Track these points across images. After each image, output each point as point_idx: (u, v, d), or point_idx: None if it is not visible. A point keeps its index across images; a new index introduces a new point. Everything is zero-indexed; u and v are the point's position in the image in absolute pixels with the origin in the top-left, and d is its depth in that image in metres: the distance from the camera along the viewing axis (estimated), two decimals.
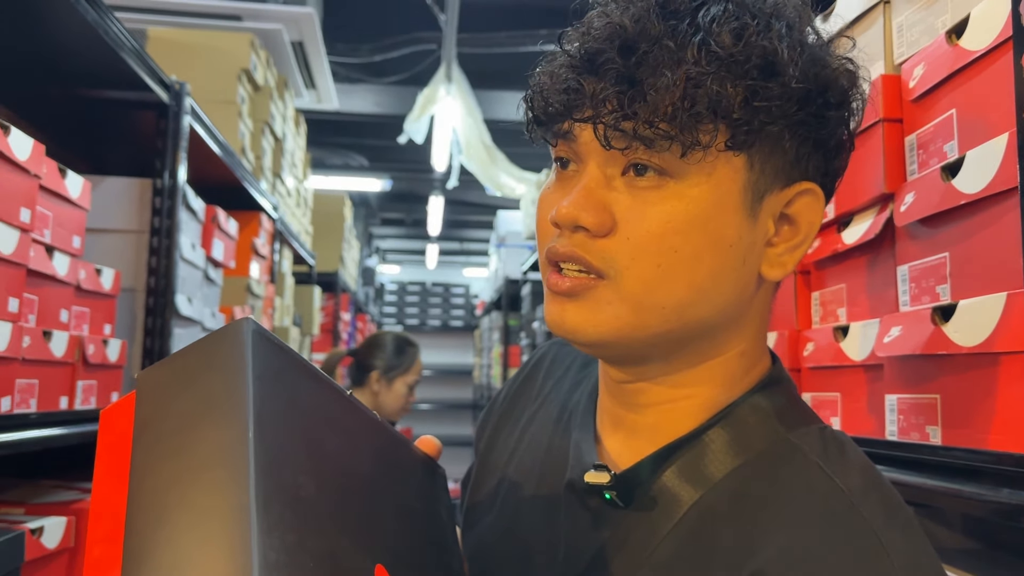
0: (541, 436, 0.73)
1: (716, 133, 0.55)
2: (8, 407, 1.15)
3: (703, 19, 0.55)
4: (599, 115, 0.56)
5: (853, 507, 0.53)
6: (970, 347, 0.73)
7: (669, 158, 0.56)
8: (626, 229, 0.57)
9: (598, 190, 0.58)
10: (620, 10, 0.57)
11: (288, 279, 3.45)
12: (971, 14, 0.77)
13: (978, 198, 0.74)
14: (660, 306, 0.57)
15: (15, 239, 1.13)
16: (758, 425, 0.60)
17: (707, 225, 0.57)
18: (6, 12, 1.39)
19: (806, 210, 0.60)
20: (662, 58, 0.54)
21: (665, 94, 0.53)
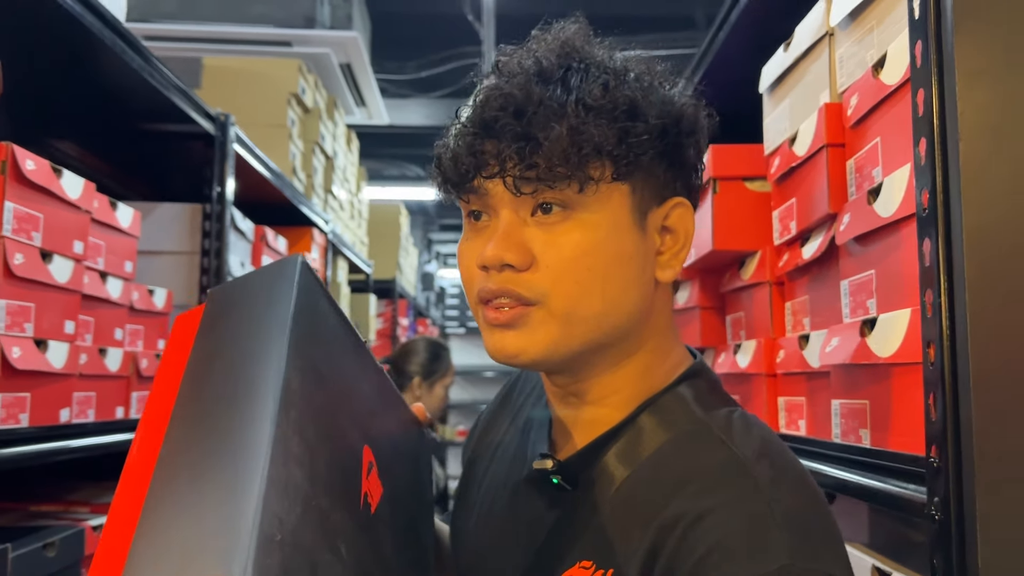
0: (511, 445, 0.84)
1: (603, 168, 0.66)
2: (67, 418, 1.30)
3: (573, 81, 0.67)
4: (505, 169, 0.66)
5: (743, 469, 0.63)
6: (885, 358, 0.80)
7: (569, 194, 0.66)
8: (545, 260, 0.67)
9: (515, 232, 0.68)
10: (505, 83, 0.68)
11: (344, 288, 3.61)
12: (888, 50, 0.84)
13: (891, 221, 0.81)
14: (584, 318, 0.68)
15: (70, 268, 1.28)
16: (679, 410, 0.71)
17: (610, 244, 0.68)
18: (69, 60, 1.55)
19: (681, 220, 0.72)
20: (548, 115, 0.65)
21: (557, 143, 0.64)
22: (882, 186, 0.83)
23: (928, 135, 0.72)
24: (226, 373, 0.56)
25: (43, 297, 1.21)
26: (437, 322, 8.34)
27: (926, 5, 0.73)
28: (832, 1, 0.98)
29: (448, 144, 0.70)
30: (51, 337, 1.24)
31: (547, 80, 0.68)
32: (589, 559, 0.67)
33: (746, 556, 0.58)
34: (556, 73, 0.68)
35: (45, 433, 1.24)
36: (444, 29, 3.81)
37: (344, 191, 3.55)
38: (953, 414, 0.69)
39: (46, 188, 1.21)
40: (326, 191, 3.23)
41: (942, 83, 0.72)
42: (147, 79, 1.59)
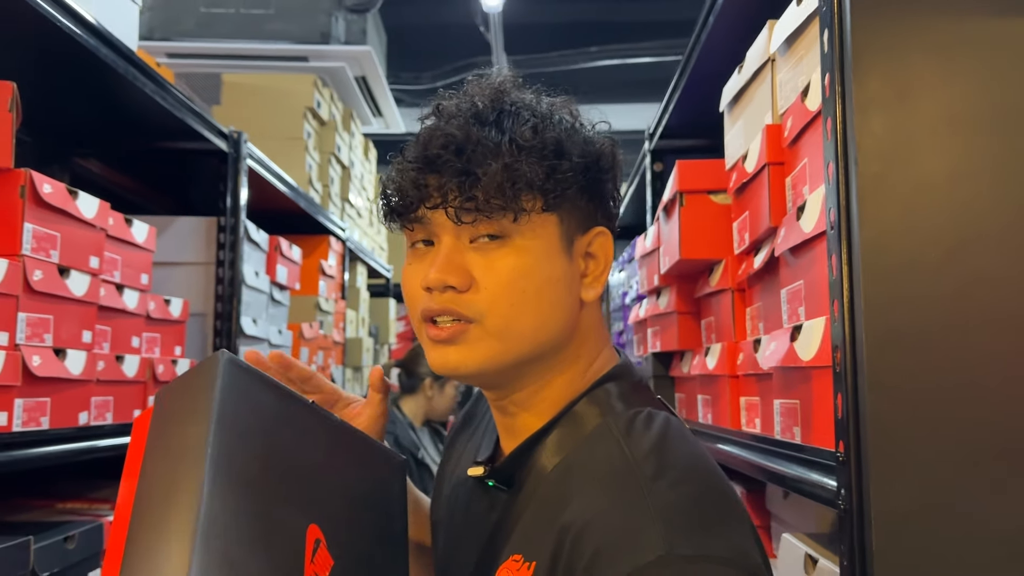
0: (468, 453, 0.92)
1: (534, 201, 0.75)
2: (86, 420, 1.41)
3: (506, 123, 0.76)
4: (447, 201, 0.74)
5: (629, 467, 0.69)
6: (807, 361, 0.88)
7: (505, 224, 0.74)
8: (483, 282, 0.75)
9: (456, 257, 0.75)
10: (445, 124, 0.77)
11: (363, 293, 3.72)
12: (811, 79, 0.91)
13: (811, 236, 0.89)
14: (519, 335, 0.75)
15: (86, 282, 1.39)
16: (589, 414, 0.78)
17: (541, 268, 0.76)
18: (87, 86, 1.67)
19: (602, 247, 0.81)
20: (485, 153, 0.74)
21: (493, 177, 0.72)
22: (806, 204, 0.91)
23: (834, 159, 0.80)
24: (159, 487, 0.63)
25: (61, 309, 1.32)
26: None
27: (832, 40, 0.81)
28: (773, 29, 1.06)
29: (393, 178, 0.79)
30: (69, 346, 1.34)
31: (483, 122, 0.76)
32: (519, 552, 0.73)
33: (625, 553, 0.63)
34: (491, 115, 0.77)
35: (65, 434, 1.35)
36: (457, 39, 3.91)
37: (362, 199, 3.66)
38: (854, 412, 0.77)
39: (62, 209, 1.31)
40: (343, 200, 3.34)
41: (845, 112, 0.79)
42: (160, 102, 1.70)
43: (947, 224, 0.76)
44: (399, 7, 3.70)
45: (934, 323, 0.75)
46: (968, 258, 0.75)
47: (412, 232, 0.79)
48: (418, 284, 0.77)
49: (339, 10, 3.21)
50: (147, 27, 3.05)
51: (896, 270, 0.76)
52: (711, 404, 1.36)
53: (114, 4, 1.58)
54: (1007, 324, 0.74)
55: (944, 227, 0.76)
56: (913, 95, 0.78)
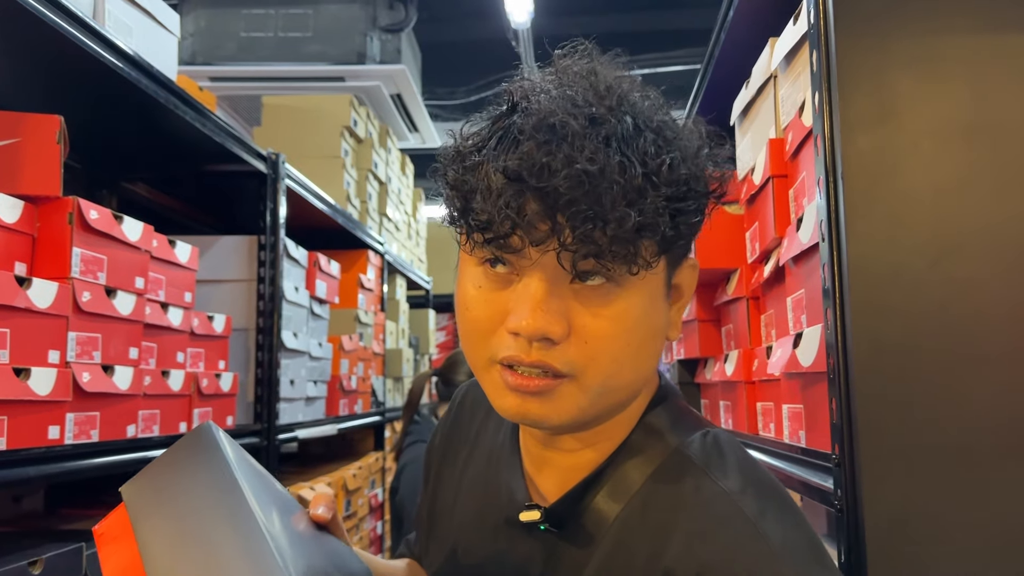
0: (478, 479, 0.82)
1: (652, 247, 0.63)
2: (133, 433, 1.49)
3: (640, 151, 0.62)
4: (562, 245, 0.61)
5: (731, 505, 0.62)
6: (807, 367, 0.91)
7: (613, 271, 0.63)
8: (583, 334, 0.64)
9: (555, 301, 0.63)
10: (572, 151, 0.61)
11: (402, 305, 3.80)
12: (806, 96, 0.94)
13: (809, 246, 0.92)
14: (613, 390, 0.67)
15: (132, 302, 1.47)
16: (654, 442, 0.70)
17: (648, 318, 0.66)
18: (133, 115, 1.76)
19: (688, 279, 0.72)
20: (619, 196, 0.60)
21: (623, 226, 0.60)
22: (804, 215, 0.94)
23: (824, 174, 0.83)
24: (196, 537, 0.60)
25: (109, 328, 1.40)
26: None
27: (821, 59, 0.84)
28: (774, 46, 1.09)
29: (487, 191, 0.63)
30: (117, 362, 1.43)
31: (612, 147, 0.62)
32: None
33: None
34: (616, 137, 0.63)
35: (114, 447, 1.43)
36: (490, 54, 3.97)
37: (399, 213, 3.74)
38: (847, 416, 0.80)
39: (108, 233, 1.40)
40: (381, 215, 3.42)
41: (832, 129, 0.82)
42: (200, 128, 1.79)
43: (931, 235, 0.79)
44: (432, 25, 3.78)
45: (920, 330, 0.78)
46: (952, 267, 0.78)
47: (485, 252, 0.66)
48: (494, 318, 0.66)
49: (374, 30, 3.30)
50: (190, 52, 3.17)
51: (883, 279, 0.79)
52: (731, 410, 1.39)
53: (154, 36, 1.67)
54: (990, 330, 0.77)
55: (928, 238, 0.79)
56: (897, 111, 0.81)
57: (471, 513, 0.81)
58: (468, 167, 0.66)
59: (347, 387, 2.79)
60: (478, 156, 0.66)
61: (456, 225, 0.68)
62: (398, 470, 2.82)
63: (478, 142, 0.68)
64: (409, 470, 2.75)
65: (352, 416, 2.89)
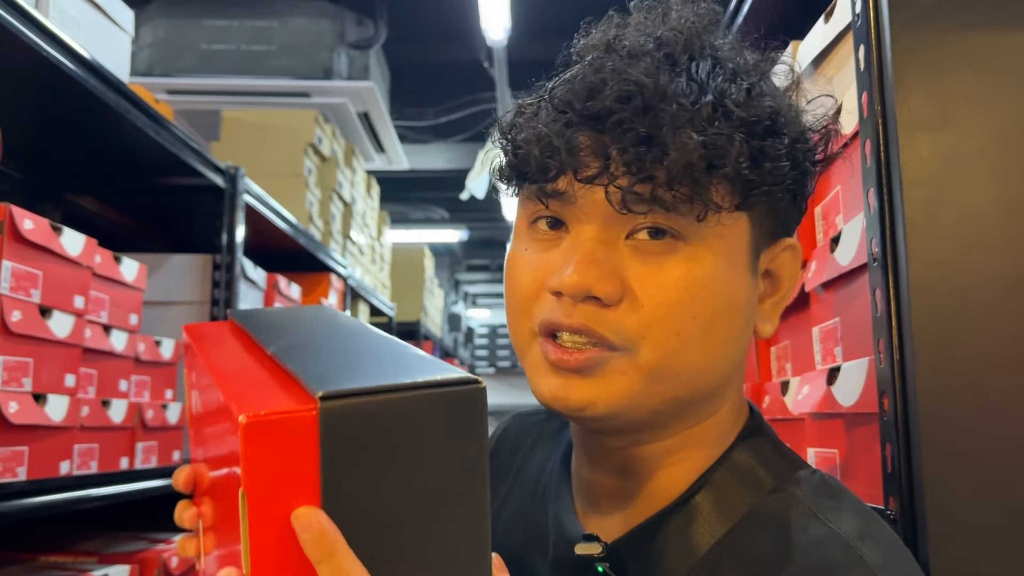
0: (518, 516, 0.70)
1: (727, 194, 0.54)
2: (67, 470, 1.33)
3: (706, 75, 0.54)
4: (614, 178, 0.52)
5: (853, 552, 0.51)
6: (848, 407, 0.80)
7: (683, 220, 0.53)
8: (640, 297, 0.54)
9: (606, 255, 0.54)
10: (625, 64, 0.54)
11: None
12: (843, 100, 0.84)
13: (849, 269, 0.81)
14: (675, 374, 0.55)
15: (70, 324, 1.32)
16: (745, 480, 0.58)
17: (723, 288, 0.55)
18: (79, 120, 1.61)
19: (787, 265, 0.61)
20: (681, 116, 0.51)
21: (687, 155, 0.51)
22: (841, 234, 0.83)
23: (876, 185, 0.73)
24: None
25: (42, 352, 1.25)
26: (466, 362, 8.36)
27: (869, 57, 0.74)
28: (797, 50, 0.99)
29: (533, 128, 0.55)
30: (50, 391, 1.27)
31: (675, 67, 0.54)
32: None
33: None
34: (683, 60, 0.55)
35: (44, 486, 1.27)
36: (461, 76, 3.88)
37: (364, 236, 3.60)
38: (907, 465, 0.69)
39: (44, 246, 1.25)
40: (345, 237, 3.28)
41: (886, 134, 0.72)
42: (153, 136, 1.64)
43: (1003, 255, 0.69)
44: (402, 45, 3.68)
45: (995, 365, 0.67)
46: None
47: (534, 204, 0.57)
48: (538, 281, 0.57)
49: (342, 46, 3.18)
50: (147, 63, 3.02)
51: (949, 306, 0.68)
52: None
53: (105, 33, 1.53)
54: None
55: (1000, 258, 0.69)
56: (960, 115, 0.71)
57: (509, 555, 0.66)
58: (522, 114, 0.59)
59: None
60: (537, 101, 0.59)
61: (504, 180, 0.60)
62: None
63: (537, 96, 0.60)
64: None
65: None
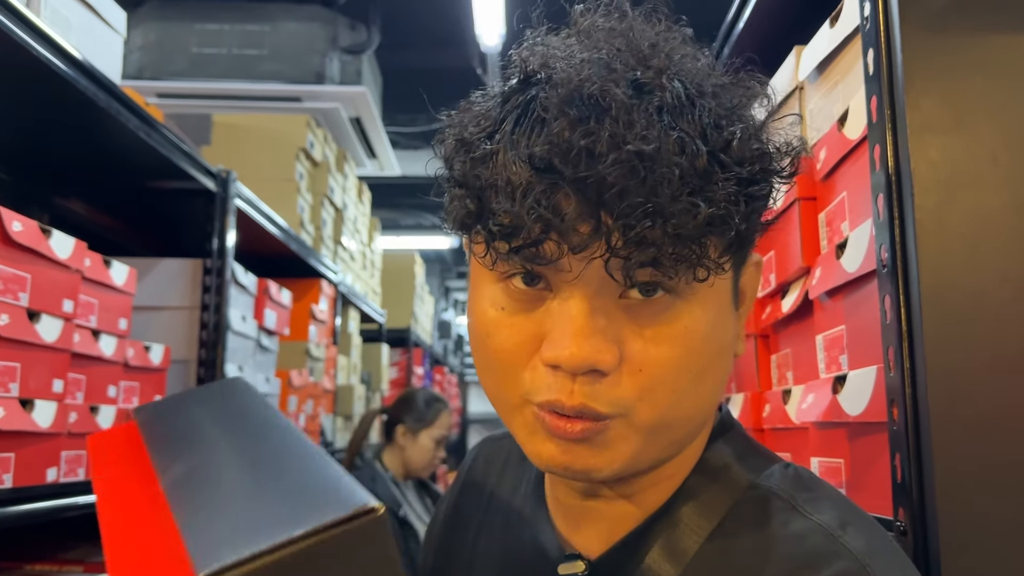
0: (492, 545, 0.69)
1: (717, 245, 0.51)
2: (54, 477, 1.30)
3: (702, 128, 0.50)
4: (613, 250, 0.48)
5: (836, 541, 0.51)
6: (855, 416, 0.78)
7: (672, 281, 0.51)
8: (636, 361, 0.51)
9: (600, 322, 0.51)
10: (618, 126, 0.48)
11: (355, 339, 3.62)
12: (850, 105, 0.83)
13: (856, 276, 0.80)
14: (670, 426, 0.54)
15: (58, 328, 1.29)
16: (721, 480, 0.58)
17: (715, 338, 0.53)
18: (68, 122, 1.59)
19: (751, 279, 0.60)
20: (681, 182, 0.48)
21: (689, 222, 0.47)
22: (848, 240, 0.82)
23: (885, 191, 0.72)
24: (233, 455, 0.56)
25: (29, 357, 1.22)
26: (455, 370, 8.32)
27: (879, 61, 0.73)
28: (801, 55, 0.98)
29: (506, 182, 0.50)
30: (38, 396, 1.24)
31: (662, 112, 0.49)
32: None
33: None
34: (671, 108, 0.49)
35: (30, 493, 1.24)
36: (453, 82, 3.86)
37: (355, 242, 3.58)
38: (917, 476, 0.67)
39: (33, 249, 1.22)
40: (336, 242, 3.26)
41: (896, 138, 0.71)
42: (145, 139, 1.62)
43: (1015, 259, 0.68)
44: (394, 51, 3.66)
45: (1008, 371, 0.66)
46: None
47: (509, 264, 0.53)
48: (524, 348, 0.53)
49: (334, 51, 3.16)
50: (137, 67, 2.99)
51: (961, 312, 0.67)
52: None
53: (97, 33, 1.51)
54: None
55: (1012, 263, 0.68)
56: (971, 119, 0.70)
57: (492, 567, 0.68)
58: (478, 158, 0.52)
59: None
60: (490, 143, 0.52)
61: (468, 232, 0.56)
62: None
63: (487, 126, 0.54)
64: None
65: None
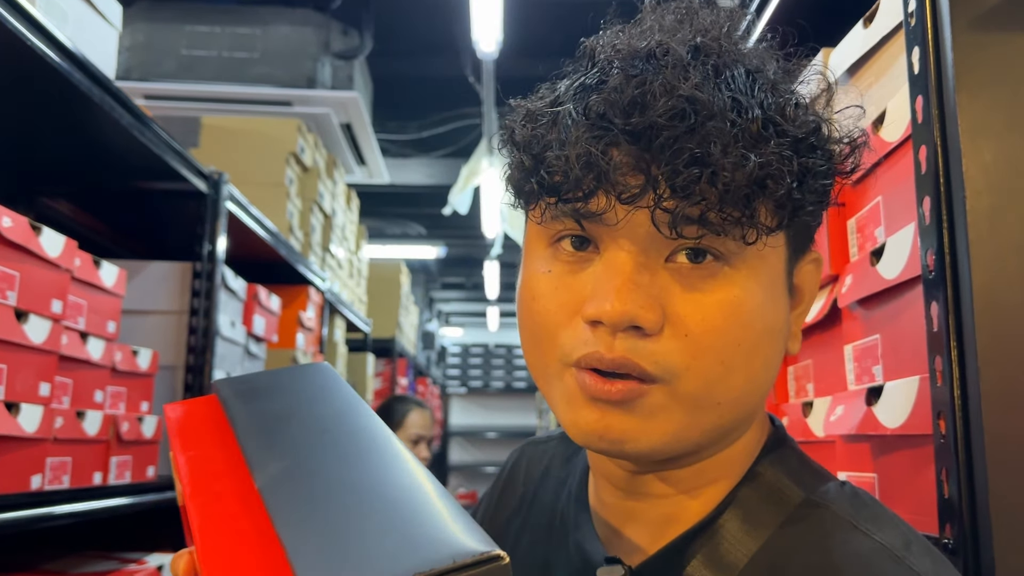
0: (536, 549, 0.67)
1: (771, 214, 0.51)
2: (39, 484, 1.25)
3: (755, 90, 0.51)
4: (660, 199, 0.48)
5: (902, 562, 0.49)
6: (893, 429, 0.75)
7: (728, 242, 0.50)
8: (683, 325, 0.50)
9: (647, 280, 0.50)
10: (667, 72, 0.49)
11: (340, 348, 3.57)
12: (887, 106, 0.80)
13: (895, 283, 0.77)
14: (715, 404, 0.52)
15: (47, 328, 1.24)
16: (772, 494, 0.56)
17: (765, 312, 0.52)
18: (57, 118, 1.54)
19: (810, 278, 0.59)
20: (732, 135, 0.48)
21: (739, 176, 0.48)
22: (885, 246, 0.79)
23: (932, 193, 0.69)
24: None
25: (16, 358, 1.17)
26: (438, 381, 8.26)
27: (926, 60, 0.70)
28: (830, 57, 0.96)
29: (561, 141, 0.51)
30: (24, 400, 1.19)
31: (720, 82, 0.50)
32: None
33: None
34: (725, 73, 0.51)
35: (13, 501, 1.18)
36: (445, 91, 3.84)
37: (343, 249, 3.53)
38: (968, 490, 0.64)
39: (23, 246, 1.17)
40: (324, 249, 3.21)
41: (945, 140, 0.68)
42: (138, 137, 1.58)
43: None
44: (385, 58, 3.63)
45: None
46: None
47: (559, 223, 0.53)
48: (568, 307, 0.52)
49: (326, 55, 3.12)
50: (125, 67, 2.94)
51: (1016, 320, 0.64)
52: None
53: (92, 27, 1.47)
54: None
55: None
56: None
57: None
58: (539, 123, 0.53)
59: None
60: (554, 109, 0.53)
61: (522, 196, 0.57)
62: None
63: (552, 97, 0.55)
64: None
65: None
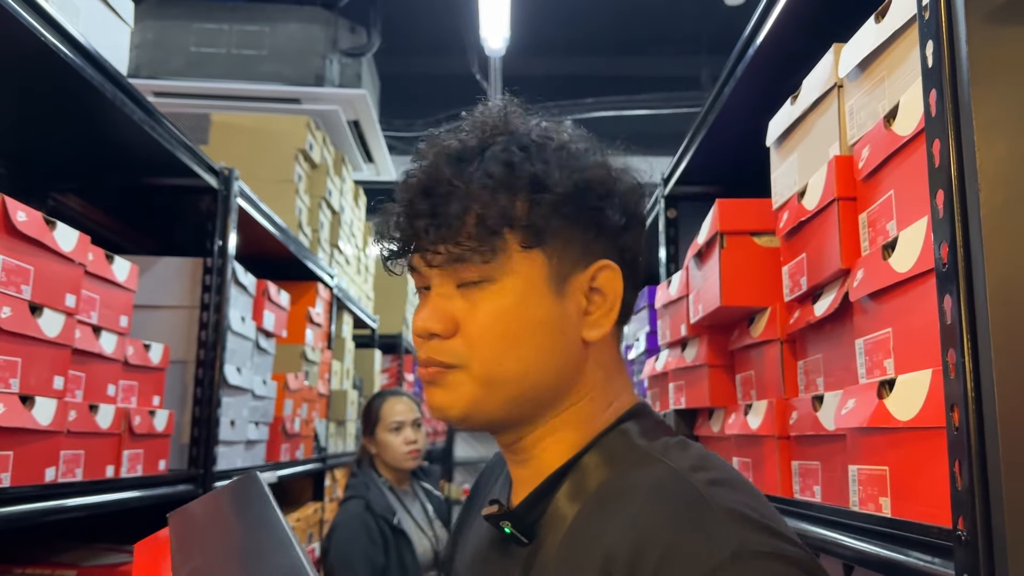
0: (481, 524, 0.83)
1: (512, 239, 0.72)
2: (53, 477, 1.26)
3: (483, 160, 0.73)
4: (423, 246, 0.74)
5: (680, 477, 0.66)
6: (905, 421, 0.76)
7: (488, 267, 0.72)
8: (466, 328, 0.73)
9: (442, 303, 0.74)
10: (420, 167, 0.76)
11: (348, 343, 3.58)
12: (900, 100, 0.81)
13: (908, 277, 0.77)
14: (502, 379, 0.73)
15: (60, 322, 1.25)
16: (622, 445, 0.74)
17: (526, 309, 0.73)
18: (70, 114, 1.55)
19: (609, 282, 0.76)
20: (451, 194, 0.72)
21: (460, 218, 0.71)
22: (897, 240, 0.80)
23: (946, 187, 0.69)
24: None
25: (31, 352, 1.18)
26: None
27: (939, 53, 0.71)
28: (841, 52, 0.96)
29: (384, 222, 0.77)
30: (38, 393, 1.20)
31: (461, 159, 0.73)
32: None
33: (698, 551, 0.60)
34: (473, 152, 0.73)
35: (28, 493, 1.19)
36: (452, 88, 3.84)
37: (350, 246, 3.54)
38: (981, 482, 0.65)
39: (38, 240, 1.18)
40: (332, 246, 3.22)
41: (959, 133, 0.68)
42: (149, 132, 1.58)
43: None
44: (392, 56, 3.63)
45: None
46: None
47: (414, 277, 0.79)
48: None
49: (334, 53, 3.13)
50: (134, 65, 2.94)
51: None
52: (752, 468, 1.23)
53: (104, 22, 1.48)
54: None
55: None
56: None
57: (471, 555, 0.83)
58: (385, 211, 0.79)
59: (290, 430, 2.55)
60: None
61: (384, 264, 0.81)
62: (330, 528, 2.56)
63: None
64: (340, 532, 2.47)
65: (293, 462, 2.64)
